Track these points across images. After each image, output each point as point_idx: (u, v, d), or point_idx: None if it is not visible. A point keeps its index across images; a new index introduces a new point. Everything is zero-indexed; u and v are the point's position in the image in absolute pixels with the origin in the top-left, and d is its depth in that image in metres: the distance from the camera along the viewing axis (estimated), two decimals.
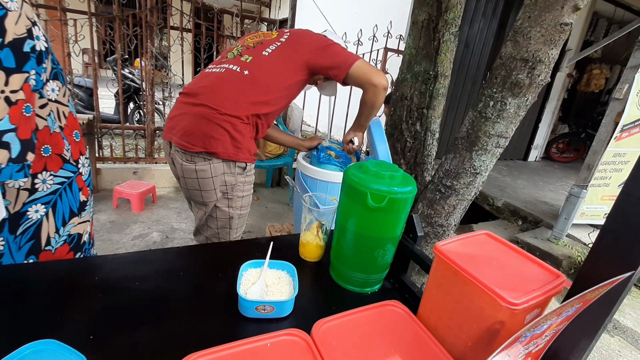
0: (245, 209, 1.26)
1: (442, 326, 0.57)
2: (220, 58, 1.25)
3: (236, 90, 1.11)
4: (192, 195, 1.20)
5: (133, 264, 0.82)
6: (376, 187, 0.71)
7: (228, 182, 1.15)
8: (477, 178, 1.57)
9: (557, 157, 6.04)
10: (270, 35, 1.28)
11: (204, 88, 1.12)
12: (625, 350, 2.02)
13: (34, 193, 0.80)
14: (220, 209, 1.19)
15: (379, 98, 1.20)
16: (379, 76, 1.17)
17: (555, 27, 1.28)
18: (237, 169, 1.15)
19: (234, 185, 1.17)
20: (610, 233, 0.49)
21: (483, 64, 4.54)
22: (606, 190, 2.98)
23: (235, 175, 1.16)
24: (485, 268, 0.52)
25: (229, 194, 1.18)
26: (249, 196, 1.26)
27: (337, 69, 1.17)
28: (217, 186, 1.15)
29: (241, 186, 1.19)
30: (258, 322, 0.67)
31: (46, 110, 0.78)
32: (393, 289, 0.85)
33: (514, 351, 0.38)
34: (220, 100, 1.09)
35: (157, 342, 0.60)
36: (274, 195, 3.45)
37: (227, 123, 1.08)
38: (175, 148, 1.13)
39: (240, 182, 1.18)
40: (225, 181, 1.15)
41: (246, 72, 1.12)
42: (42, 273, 0.74)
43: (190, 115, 1.10)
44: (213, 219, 1.22)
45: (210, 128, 1.08)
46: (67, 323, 0.62)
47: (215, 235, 1.24)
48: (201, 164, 1.10)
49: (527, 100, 1.41)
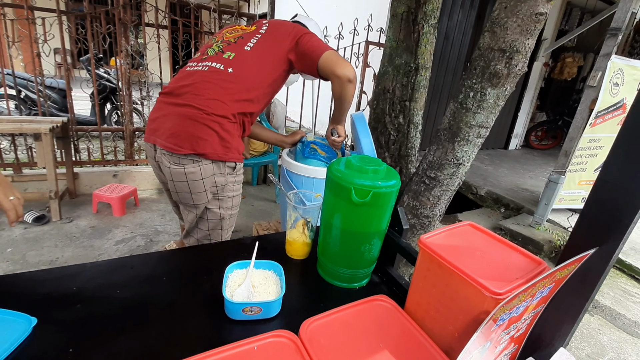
0: (235, 209, 1.25)
1: (429, 318, 0.58)
2: (201, 55, 1.20)
3: (221, 89, 1.07)
4: (181, 199, 1.16)
5: (113, 271, 0.79)
6: (360, 182, 0.70)
7: (218, 183, 1.13)
8: (460, 168, 1.59)
9: (536, 145, 6.21)
10: (249, 28, 1.25)
11: (188, 87, 1.08)
12: (604, 328, 2.11)
13: None
14: (211, 210, 1.17)
15: (344, 90, 1.17)
16: (342, 67, 1.13)
17: (531, 17, 1.30)
18: (227, 169, 1.13)
19: (224, 185, 1.14)
20: (588, 218, 0.50)
21: (463, 55, 4.60)
22: (583, 175, 3.09)
23: (225, 176, 1.13)
24: (469, 259, 0.53)
25: (219, 195, 1.16)
26: (239, 196, 1.25)
27: (309, 59, 1.16)
28: (207, 187, 1.12)
29: (231, 186, 1.18)
30: (245, 324, 0.66)
31: None
32: (381, 283, 0.86)
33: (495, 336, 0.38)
34: (205, 100, 1.05)
35: (140, 352, 0.58)
36: (260, 193, 3.42)
37: (214, 123, 1.05)
38: (162, 151, 1.08)
39: (230, 182, 1.16)
40: (216, 182, 1.12)
41: (230, 69, 1.09)
42: (16, 284, 0.70)
43: (175, 116, 1.06)
44: (204, 221, 1.19)
45: (197, 129, 1.04)
46: (45, 336, 0.59)
47: (207, 237, 1.22)
48: (190, 166, 1.06)
49: (506, 90, 1.43)
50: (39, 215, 2.39)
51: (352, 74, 1.15)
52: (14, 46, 2.62)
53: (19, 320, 0.60)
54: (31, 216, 2.36)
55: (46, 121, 2.41)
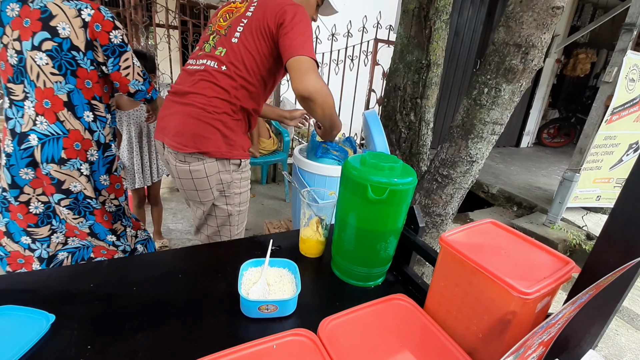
0: (244, 205, 1.24)
1: (451, 318, 0.56)
2: (197, 50, 1.19)
3: (219, 87, 1.07)
4: (188, 196, 1.18)
5: (129, 269, 0.79)
6: (376, 179, 0.69)
7: (224, 180, 1.13)
8: (474, 166, 1.56)
9: (548, 143, 6.10)
10: (239, 9, 1.16)
11: (190, 87, 1.10)
12: (622, 329, 2.06)
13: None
14: (219, 207, 1.17)
15: (309, 110, 1.06)
16: (298, 81, 0.98)
17: (547, 10, 1.27)
18: (232, 166, 1.13)
19: (230, 182, 1.15)
20: (620, 217, 0.48)
21: (473, 52, 4.54)
22: (598, 173, 3.02)
23: (230, 173, 1.13)
24: (493, 257, 0.51)
25: (226, 192, 1.16)
26: (246, 192, 1.24)
27: (282, 55, 1.04)
28: (213, 185, 1.13)
29: (237, 183, 1.17)
30: (261, 322, 0.66)
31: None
32: (396, 282, 0.84)
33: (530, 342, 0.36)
34: (207, 99, 1.07)
35: (158, 349, 0.58)
36: (269, 192, 3.42)
37: (217, 121, 1.06)
38: (169, 150, 1.11)
39: (236, 179, 1.16)
40: (221, 179, 1.13)
41: (223, 67, 1.08)
42: (34, 281, 0.71)
43: (180, 115, 1.08)
44: (213, 218, 1.20)
45: (200, 128, 1.06)
46: (63, 332, 0.59)
47: (217, 233, 1.22)
48: (195, 164, 1.08)
49: (521, 85, 1.40)
50: None
51: (307, 92, 0.98)
52: None
53: (37, 317, 0.60)
54: None
55: None
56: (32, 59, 1.14)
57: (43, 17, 1.14)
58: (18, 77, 1.17)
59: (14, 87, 1.18)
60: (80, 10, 1.16)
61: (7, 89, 1.20)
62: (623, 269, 0.41)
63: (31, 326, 0.58)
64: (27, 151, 1.19)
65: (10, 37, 1.15)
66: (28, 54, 1.14)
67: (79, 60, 1.19)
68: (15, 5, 1.15)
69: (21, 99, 1.18)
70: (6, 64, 1.18)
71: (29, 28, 1.14)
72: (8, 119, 1.21)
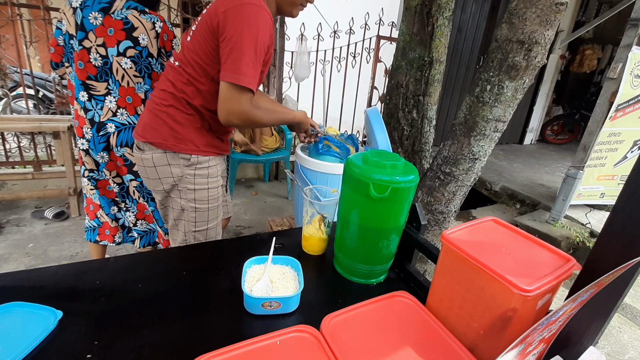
0: (202, 204, 1.17)
1: (453, 315, 0.57)
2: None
3: (168, 82, 1.09)
4: (145, 184, 1.23)
5: (134, 266, 0.80)
6: (378, 177, 0.69)
7: (174, 174, 1.12)
8: (476, 163, 1.56)
9: (552, 139, 6.06)
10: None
11: (157, 83, 1.16)
12: (624, 327, 2.05)
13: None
14: (174, 199, 1.17)
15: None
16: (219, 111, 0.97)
17: (551, 7, 1.26)
18: (181, 160, 1.10)
19: (182, 177, 1.12)
20: (621, 215, 0.48)
21: (476, 48, 4.51)
22: (602, 170, 3.00)
23: (181, 167, 1.11)
24: (494, 255, 0.52)
25: (178, 186, 1.14)
26: (203, 190, 1.15)
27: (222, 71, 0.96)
28: (161, 176, 1.13)
29: (190, 179, 1.12)
30: (265, 319, 0.67)
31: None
32: (398, 279, 0.85)
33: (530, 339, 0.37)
34: (157, 91, 1.12)
35: (163, 344, 0.59)
36: (272, 189, 3.43)
37: (163, 114, 1.08)
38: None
39: (188, 174, 1.12)
40: (172, 172, 1.12)
41: (176, 63, 1.09)
42: (42, 278, 0.72)
43: (145, 108, 1.16)
44: (170, 210, 1.20)
45: (151, 119, 1.10)
46: (70, 329, 0.60)
47: (175, 227, 1.21)
48: (146, 152, 1.12)
49: (524, 82, 1.39)
50: (58, 212, 2.45)
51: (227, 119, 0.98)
52: (32, 46, 2.68)
53: (45, 313, 0.62)
54: (51, 212, 2.43)
55: (64, 120, 2.46)
56: (118, 63, 1.39)
57: (126, 28, 1.37)
58: (102, 76, 1.41)
59: (96, 84, 1.42)
60: (154, 23, 1.41)
61: (86, 85, 1.43)
62: (625, 267, 0.41)
63: (39, 322, 0.60)
64: (104, 137, 1.46)
65: (93, 42, 1.37)
66: (114, 59, 1.39)
67: (153, 65, 1.46)
68: (97, 15, 1.35)
69: (102, 94, 1.43)
70: (86, 64, 1.40)
71: (113, 36, 1.37)
72: (87, 110, 1.45)
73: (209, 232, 1.22)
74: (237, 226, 2.65)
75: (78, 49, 1.39)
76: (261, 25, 0.92)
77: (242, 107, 0.96)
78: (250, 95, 0.97)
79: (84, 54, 1.39)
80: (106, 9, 1.35)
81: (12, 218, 2.42)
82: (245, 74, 0.92)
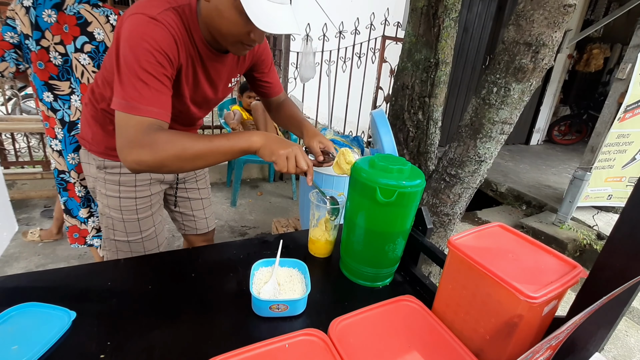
0: (115, 212, 1.04)
1: (459, 320, 0.57)
2: None
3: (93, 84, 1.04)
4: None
5: (144, 268, 0.82)
6: (385, 181, 0.70)
7: (92, 174, 1.08)
8: (482, 166, 1.56)
9: (559, 140, 6.00)
10: None
11: None
12: (631, 330, 2.04)
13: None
14: (98, 200, 1.11)
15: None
16: (117, 148, 0.74)
17: (559, 9, 1.25)
18: (93, 161, 1.05)
19: (96, 178, 1.07)
20: (628, 222, 0.48)
21: (483, 48, 4.48)
22: (610, 172, 2.97)
23: (95, 168, 1.06)
24: (501, 261, 0.52)
25: (96, 188, 1.09)
26: (116, 199, 1.03)
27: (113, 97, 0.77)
28: (86, 174, 1.11)
29: (102, 183, 1.04)
30: (272, 321, 0.68)
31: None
32: (404, 282, 0.86)
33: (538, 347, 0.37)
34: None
35: (173, 345, 0.61)
36: (277, 190, 3.44)
37: (84, 110, 1.04)
38: None
39: (100, 177, 1.05)
40: (90, 172, 1.08)
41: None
42: (56, 279, 0.74)
43: None
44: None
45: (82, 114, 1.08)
46: (84, 329, 0.62)
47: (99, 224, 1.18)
48: (82, 149, 1.09)
49: (531, 85, 1.39)
50: None
51: (120, 152, 0.73)
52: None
53: (59, 313, 0.63)
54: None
55: None
56: (77, 59, 1.35)
57: (80, 23, 1.33)
58: (64, 75, 1.39)
59: (59, 84, 1.40)
60: (108, 16, 1.36)
61: (50, 86, 1.39)
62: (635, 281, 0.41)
63: (54, 322, 0.61)
64: (75, 137, 1.41)
65: (51, 41, 1.33)
66: (73, 56, 1.34)
67: None
68: (51, 12, 1.30)
69: (67, 94, 1.41)
70: (47, 64, 1.36)
71: (69, 33, 1.33)
72: (55, 111, 1.42)
73: (132, 245, 1.08)
74: (243, 226, 2.66)
75: (36, 49, 1.32)
76: (144, 36, 0.72)
77: (131, 134, 0.72)
78: (143, 120, 0.72)
79: (43, 54, 1.33)
80: (59, 4, 1.29)
81: (22, 217, 2.46)
82: (124, 97, 0.73)
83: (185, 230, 1.32)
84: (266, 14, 0.73)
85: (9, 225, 0.66)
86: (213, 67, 0.92)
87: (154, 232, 1.12)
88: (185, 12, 0.81)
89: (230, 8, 0.74)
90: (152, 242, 1.13)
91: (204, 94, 0.96)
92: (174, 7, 0.79)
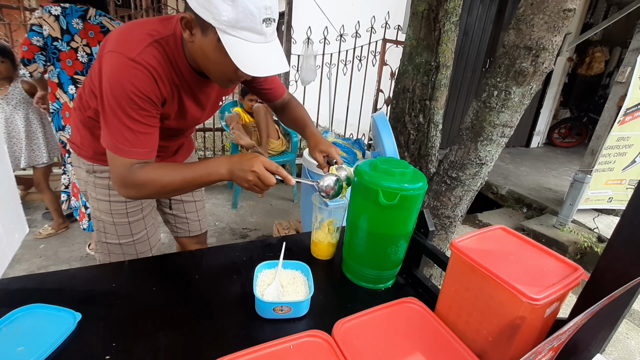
0: (106, 216, 1.05)
1: (462, 322, 0.58)
2: None
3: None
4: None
5: (148, 270, 0.82)
6: (387, 184, 0.71)
7: (82, 177, 1.08)
8: (483, 168, 1.57)
9: (559, 143, 6.01)
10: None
11: None
12: (632, 333, 2.04)
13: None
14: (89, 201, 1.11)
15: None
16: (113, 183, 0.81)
17: (559, 13, 1.26)
18: (83, 165, 1.06)
19: (87, 182, 1.07)
20: (628, 225, 0.49)
21: (483, 52, 4.50)
22: (610, 174, 2.97)
23: (85, 172, 1.06)
24: (503, 263, 0.53)
25: (87, 191, 1.09)
26: (106, 202, 1.04)
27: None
28: (77, 177, 1.11)
29: (92, 187, 1.05)
30: (276, 323, 0.68)
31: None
32: (406, 284, 0.86)
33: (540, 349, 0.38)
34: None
35: (178, 347, 0.61)
36: (278, 192, 3.45)
37: (74, 114, 1.04)
38: None
39: (90, 181, 1.06)
40: (80, 175, 1.09)
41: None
42: (61, 281, 0.75)
43: None
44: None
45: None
46: (89, 330, 0.62)
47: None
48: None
49: (532, 88, 1.40)
50: (68, 213, 2.49)
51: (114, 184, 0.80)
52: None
53: (64, 315, 0.64)
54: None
55: None
56: None
57: (103, 31, 1.77)
58: (87, 71, 1.68)
59: (83, 78, 1.69)
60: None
61: (74, 80, 1.77)
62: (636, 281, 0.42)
63: (60, 324, 0.62)
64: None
65: (80, 43, 1.73)
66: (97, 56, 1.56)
67: None
68: (78, 20, 1.71)
69: None
70: (74, 62, 1.73)
71: (94, 38, 1.75)
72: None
73: (124, 248, 1.08)
74: (244, 229, 2.67)
75: (66, 49, 1.70)
76: (124, 82, 0.73)
77: (118, 173, 0.78)
78: (126, 162, 0.77)
79: (72, 53, 1.72)
80: (83, 15, 1.71)
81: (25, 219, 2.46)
82: (110, 139, 0.76)
83: (178, 233, 1.32)
84: (250, 56, 0.72)
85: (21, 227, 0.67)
86: (201, 91, 0.92)
87: (145, 234, 1.12)
88: (170, 44, 0.79)
89: (215, 50, 0.73)
90: (144, 244, 1.13)
91: (193, 116, 0.96)
92: (156, 39, 0.77)
